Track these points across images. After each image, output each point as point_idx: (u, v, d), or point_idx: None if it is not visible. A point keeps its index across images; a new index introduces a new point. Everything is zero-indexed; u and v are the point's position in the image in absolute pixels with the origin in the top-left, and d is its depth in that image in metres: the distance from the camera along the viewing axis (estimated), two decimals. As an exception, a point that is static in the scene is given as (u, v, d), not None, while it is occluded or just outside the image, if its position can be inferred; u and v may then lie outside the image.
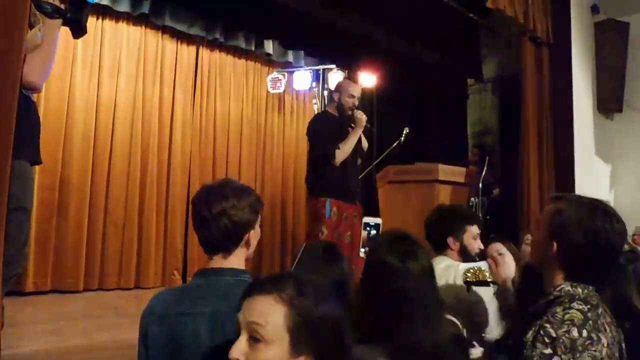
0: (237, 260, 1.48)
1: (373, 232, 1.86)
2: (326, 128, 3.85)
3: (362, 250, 1.86)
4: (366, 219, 1.87)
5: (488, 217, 5.22)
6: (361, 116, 3.84)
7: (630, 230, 4.01)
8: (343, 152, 3.75)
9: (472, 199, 4.95)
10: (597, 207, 1.47)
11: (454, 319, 1.57)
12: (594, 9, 5.51)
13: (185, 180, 5.46)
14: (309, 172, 4.01)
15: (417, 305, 1.39)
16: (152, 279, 5.06)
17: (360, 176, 4.78)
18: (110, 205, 4.90)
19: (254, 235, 1.52)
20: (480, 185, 4.93)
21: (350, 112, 3.82)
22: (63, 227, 4.58)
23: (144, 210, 5.13)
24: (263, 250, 5.93)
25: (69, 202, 4.62)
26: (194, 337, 1.36)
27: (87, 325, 3.44)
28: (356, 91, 3.87)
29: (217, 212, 1.43)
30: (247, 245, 1.50)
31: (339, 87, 3.99)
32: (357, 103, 3.87)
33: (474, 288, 2.12)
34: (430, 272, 1.48)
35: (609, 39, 5.47)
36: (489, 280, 2.11)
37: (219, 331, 1.35)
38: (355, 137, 3.84)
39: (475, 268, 2.21)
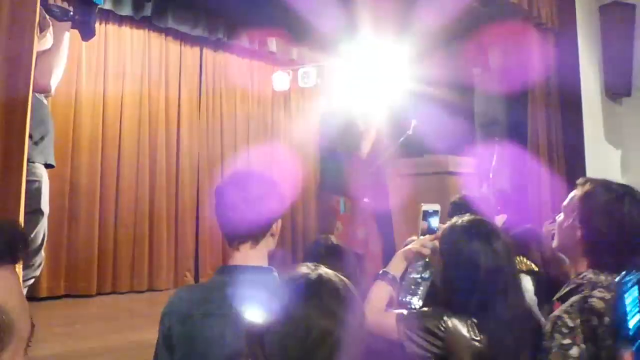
0: (261, 254, 1.44)
1: (433, 219, 1.79)
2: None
3: (422, 238, 1.84)
4: (425, 207, 1.79)
5: (499, 207, 5.18)
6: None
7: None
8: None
9: (483, 189, 4.91)
10: (626, 193, 1.42)
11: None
12: (598, -8, 5.45)
13: (195, 181, 5.46)
14: (323, 168, 4.02)
15: (510, 279, 1.46)
16: (164, 281, 5.07)
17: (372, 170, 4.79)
18: (120, 209, 4.92)
19: (277, 227, 1.49)
20: (491, 175, 4.90)
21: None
22: (74, 232, 4.60)
23: (154, 212, 5.14)
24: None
25: (79, 206, 4.64)
26: (221, 340, 1.31)
27: (101, 328, 3.45)
28: None
29: (255, 195, 1.39)
30: (273, 235, 1.47)
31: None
32: None
33: None
34: (511, 250, 1.53)
35: (615, 22, 5.41)
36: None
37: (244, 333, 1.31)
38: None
39: None
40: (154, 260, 5.08)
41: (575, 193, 1.52)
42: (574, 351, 1.27)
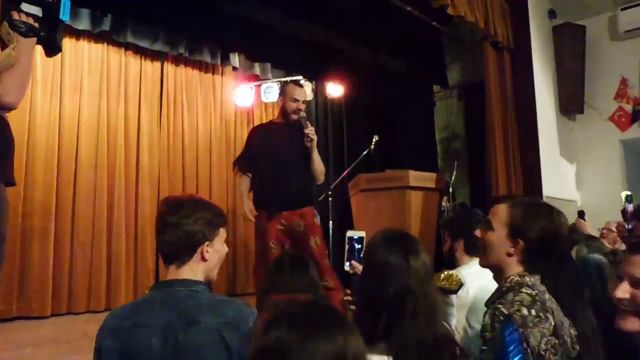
0: (190, 271, 1.51)
1: (357, 245, 1.85)
2: (251, 137, 3.73)
3: (347, 263, 1.84)
4: (349, 233, 1.86)
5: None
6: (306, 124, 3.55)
7: (599, 225, 4.11)
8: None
9: (444, 203, 4.99)
10: (551, 207, 1.63)
11: (446, 324, 1.59)
12: (551, 14, 5.68)
13: (155, 198, 5.35)
14: None
15: (420, 302, 1.41)
16: (123, 300, 4.92)
17: (333, 185, 4.77)
18: (77, 227, 4.77)
19: (213, 250, 1.54)
20: (451, 189, 4.98)
21: (295, 117, 3.55)
22: (27, 251, 4.43)
23: (112, 230, 5.01)
24: (237, 265, 5.86)
25: (33, 225, 4.48)
26: (146, 349, 1.37)
27: (55, 351, 3.32)
28: (299, 94, 3.58)
29: (171, 221, 1.49)
30: (203, 258, 1.52)
31: (282, 91, 3.77)
32: (302, 107, 3.58)
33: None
34: (429, 269, 1.50)
35: (567, 42, 5.65)
36: (455, 288, 2.15)
37: (171, 342, 1.37)
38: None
39: (447, 274, 2.22)
40: (113, 279, 4.94)
41: (503, 209, 1.66)
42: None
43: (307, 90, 5.21)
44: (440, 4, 4.30)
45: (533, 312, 1.46)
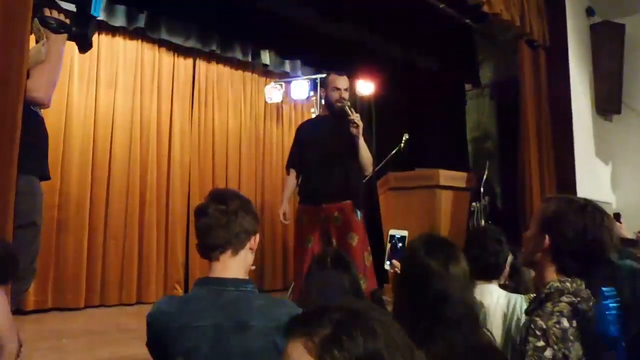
0: (240, 266, 1.50)
1: (399, 244, 1.83)
2: (298, 133, 3.76)
3: (387, 262, 1.82)
4: (392, 231, 1.84)
5: (490, 222, 5.19)
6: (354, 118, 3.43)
7: (635, 229, 4.00)
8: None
9: (474, 203, 4.93)
10: (587, 204, 1.53)
11: (486, 331, 1.54)
12: (589, 12, 5.53)
13: (185, 193, 5.43)
14: None
15: (463, 309, 1.39)
16: (153, 294, 5.01)
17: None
18: (110, 220, 4.87)
19: (255, 241, 1.56)
20: (482, 189, 4.91)
21: (339, 105, 3.48)
22: (62, 244, 4.55)
23: (144, 224, 5.09)
24: (265, 261, 5.89)
25: (67, 218, 4.59)
26: (196, 352, 1.33)
27: (89, 342, 3.40)
28: (340, 83, 3.51)
29: (233, 209, 1.48)
30: (252, 249, 1.54)
31: (323, 82, 3.77)
32: (344, 95, 3.51)
33: None
34: (469, 276, 1.48)
35: (605, 41, 5.49)
36: None
37: (221, 346, 1.33)
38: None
39: None
40: (143, 272, 5.03)
41: (541, 205, 1.63)
42: (548, 353, 1.32)
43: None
44: (475, 1, 4.23)
45: (574, 323, 1.36)
